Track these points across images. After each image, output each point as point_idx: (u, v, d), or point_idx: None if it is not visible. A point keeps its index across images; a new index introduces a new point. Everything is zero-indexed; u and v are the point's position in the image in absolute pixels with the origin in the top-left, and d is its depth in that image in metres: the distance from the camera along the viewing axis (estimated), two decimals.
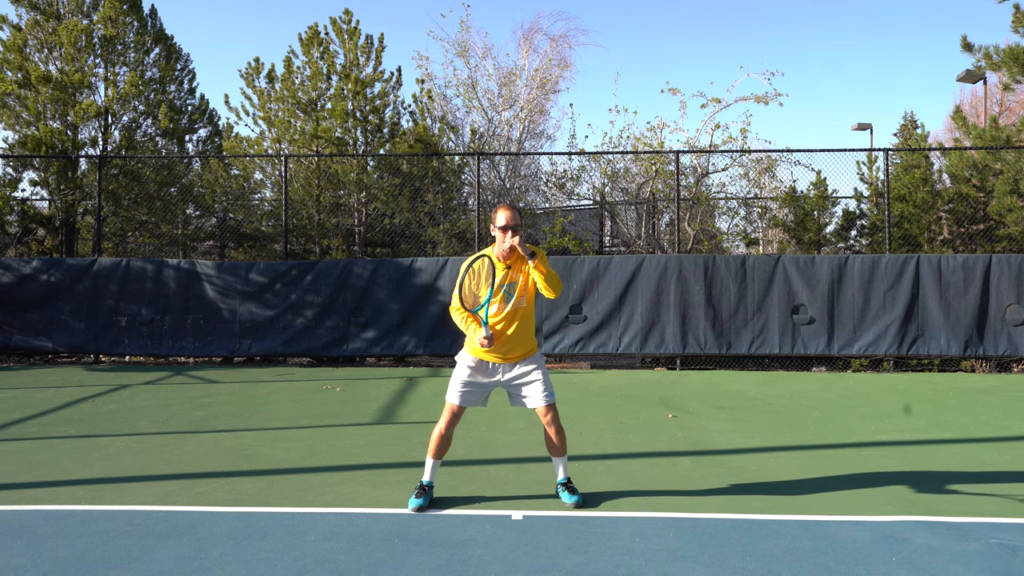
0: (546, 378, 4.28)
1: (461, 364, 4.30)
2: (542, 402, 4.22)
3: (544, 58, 15.86)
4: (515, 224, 4.19)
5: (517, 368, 4.27)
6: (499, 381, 4.29)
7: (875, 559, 3.49)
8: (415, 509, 4.15)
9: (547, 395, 4.23)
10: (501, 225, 4.19)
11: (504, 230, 4.18)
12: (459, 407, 4.25)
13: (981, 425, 6.78)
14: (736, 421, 6.92)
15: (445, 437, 4.26)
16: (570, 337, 10.94)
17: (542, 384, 4.24)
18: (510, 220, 4.18)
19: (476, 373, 4.26)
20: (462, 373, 4.27)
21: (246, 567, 3.38)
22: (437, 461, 4.30)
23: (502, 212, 4.21)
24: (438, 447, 4.26)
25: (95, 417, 7.05)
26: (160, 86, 14.39)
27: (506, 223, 4.18)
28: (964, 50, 11.91)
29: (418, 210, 13.29)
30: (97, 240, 12.27)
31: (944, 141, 24.74)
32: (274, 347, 11.28)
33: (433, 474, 4.30)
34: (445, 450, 4.30)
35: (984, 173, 12.23)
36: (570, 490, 4.32)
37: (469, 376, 4.26)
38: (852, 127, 24.53)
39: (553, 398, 4.26)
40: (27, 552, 3.55)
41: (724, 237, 14.00)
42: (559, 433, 4.29)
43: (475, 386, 4.27)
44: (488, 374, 4.28)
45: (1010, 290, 10.49)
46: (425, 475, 4.29)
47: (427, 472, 4.29)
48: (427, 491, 4.25)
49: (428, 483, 4.28)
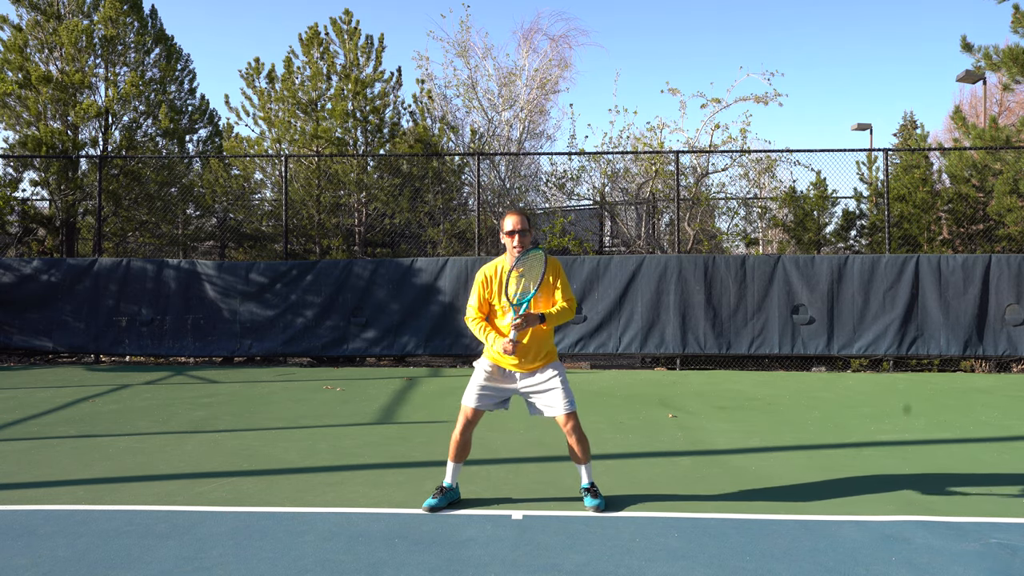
0: (566, 386, 4.21)
1: (479, 368, 4.29)
2: (562, 411, 4.16)
3: (544, 58, 15.88)
4: (522, 229, 4.19)
5: (536, 376, 4.24)
6: (516, 389, 4.27)
7: (875, 559, 3.49)
8: (428, 508, 4.16)
9: (567, 403, 4.16)
10: (508, 230, 4.20)
11: (511, 235, 4.19)
12: (472, 410, 4.22)
13: (981, 425, 6.78)
14: (736, 421, 6.92)
15: (461, 440, 4.23)
16: (570, 337, 10.95)
17: (562, 392, 4.17)
18: (517, 225, 4.18)
19: (492, 377, 4.25)
20: (479, 377, 4.26)
21: (246, 567, 3.38)
22: (456, 464, 4.27)
23: (509, 217, 4.21)
24: (455, 450, 4.24)
25: (95, 417, 7.05)
26: (160, 86, 14.39)
27: (512, 228, 4.18)
28: (964, 50, 11.92)
29: (418, 210, 13.30)
30: (97, 240, 12.27)
31: (944, 141, 24.75)
32: (274, 347, 11.29)
33: (453, 477, 4.28)
34: (464, 453, 4.27)
35: (984, 173, 12.24)
36: (593, 494, 4.25)
37: (485, 380, 4.24)
38: (852, 127, 24.54)
39: (573, 407, 4.18)
40: (27, 552, 3.55)
41: (724, 237, 14.01)
42: (580, 442, 4.20)
43: (491, 390, 4.25)
44: (505, 379, 4.26)
45: (1009, 290, 10.50)
46: (446, 478, 4.29)
47: (448, 475, 4.29)
48: (444, 492, 4.25)
49: (448, 485, 4.27)
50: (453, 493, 4.30)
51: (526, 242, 4.22)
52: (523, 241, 4.20)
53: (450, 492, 4.27)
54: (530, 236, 4.25)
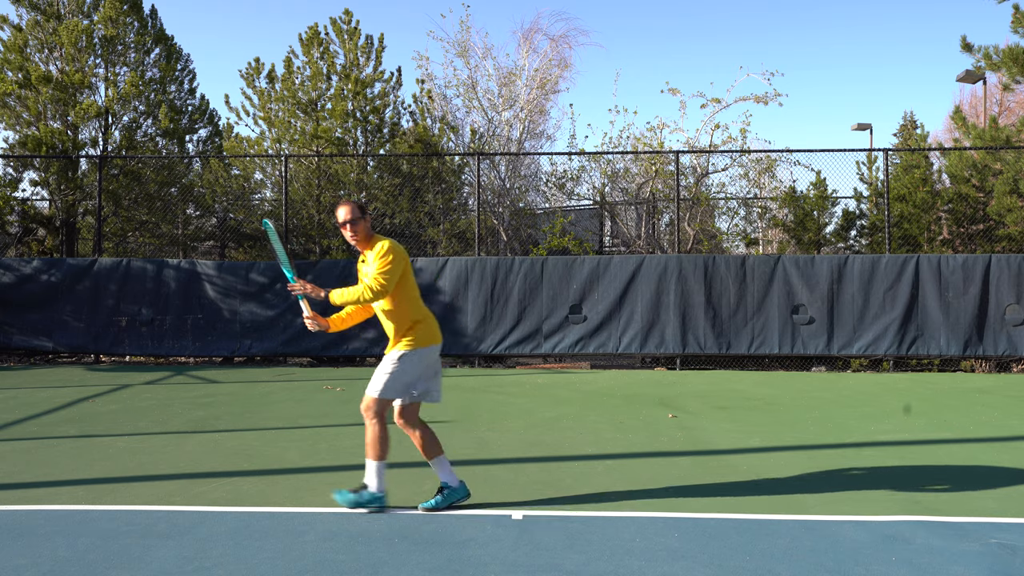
0: (385, 372, 4.08)
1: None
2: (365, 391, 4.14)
3: (544, 58, 15.85)
4: (347, 220, 4.12)
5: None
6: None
7: (875, 559, 3.49)
8: (425, 509, 4.16)
9: (370, 385, 4.11)
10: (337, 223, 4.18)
11: (341, 227, 4.18)
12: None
13: (981, 425, 6.78)
14: (736, 421, 6.92)
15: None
16: (570, 337, 10.95)
17: (377, 375, 4.11)
18: (339, 217, 4.16)
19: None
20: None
21: (246, 567, 3.38)
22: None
23: (338, 209, 4.18)
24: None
25: (95, 417, 7.05)
26: (160, 86, 14.40)
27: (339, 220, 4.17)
28: (964, 50, 11.92)
29: (418, 210, 13.30)
30: (97, 240, 12.27)
31: (944, 141, 24.73)
32: (274, 347, 11.29)
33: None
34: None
35: (984, 173, 12.24)
36: (354, 491, 4.14)
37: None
38: (852, 127, 24.53)
39: (374, 392, 4.07)
40: (27, 552, 3.55)
41: (724, 237, 14.01)
42: (367, 430, 4.09)
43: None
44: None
45: (1010, 290, 10.50)
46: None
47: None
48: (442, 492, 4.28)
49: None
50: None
51: (356, 232, 4.13)
52: (352, 232, 4.13)
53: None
54: (361, 225, 4.14)
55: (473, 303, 11.10)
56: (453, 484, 4.21)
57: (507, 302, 11.07)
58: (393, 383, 4.08)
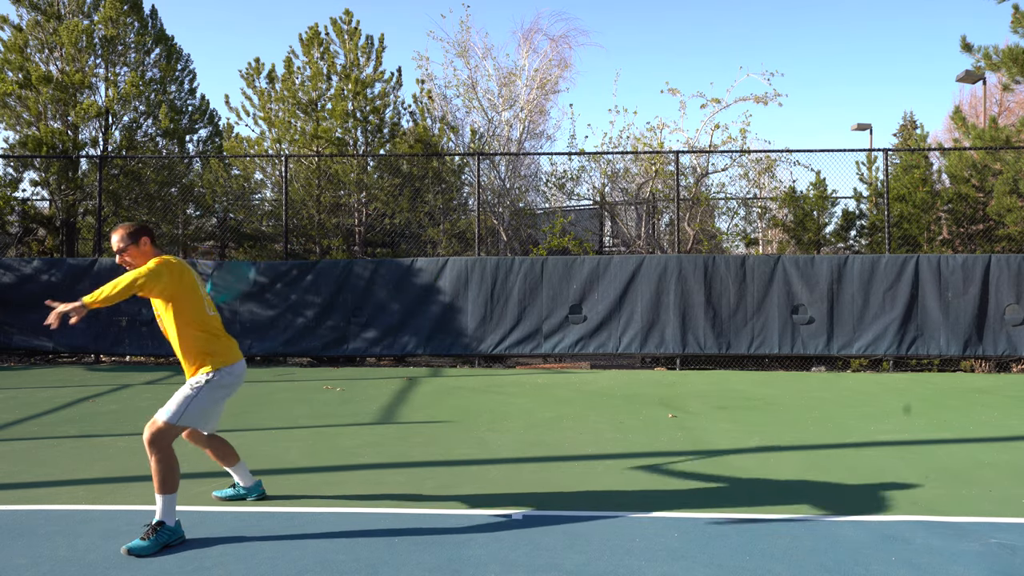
0: (181, 398, 3.75)
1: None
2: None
3: (544, 58, 15.85)
4: (118, 248, 3.89)
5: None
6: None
7: (875, 559, 3.49)
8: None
9: (162, 410, 3.73)
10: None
11: (117, 254, 3.91)
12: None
13: (981, 425, 6.78)
14: (736, 421, 6.92)
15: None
16: (570, 337, 10.95)
17: (173, 399, 3.77)
18: (112, 244, 3.90)
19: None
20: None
21: (246, 567, 3.38)
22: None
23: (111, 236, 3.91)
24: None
25: (96, 417, 7.05)
26: (160, 86, 14.40)
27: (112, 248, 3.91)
28: (964, 50, 11.92)
29: (418, 210, 13.30)
30: (98, 240, 12.27)
31: (944, 141, 24.74)
32: (274, 347, 11.29)
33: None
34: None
35: (983, 173, 12.24)
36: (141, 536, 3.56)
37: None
38: (852, 127, 24.52)
39: (163, 417, 3.68)
40: (27, 552, 3.56)
41: (724, 237, 14.01)
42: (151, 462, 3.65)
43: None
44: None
45: (1009, 290, 10.50)
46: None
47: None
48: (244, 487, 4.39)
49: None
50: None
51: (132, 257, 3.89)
52: (130, 259, 3.89)
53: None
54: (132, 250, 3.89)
55: (473, 303, 11.10)
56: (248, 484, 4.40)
57: (507, 302, 11.07)
58: (193, 410, 3.76)
